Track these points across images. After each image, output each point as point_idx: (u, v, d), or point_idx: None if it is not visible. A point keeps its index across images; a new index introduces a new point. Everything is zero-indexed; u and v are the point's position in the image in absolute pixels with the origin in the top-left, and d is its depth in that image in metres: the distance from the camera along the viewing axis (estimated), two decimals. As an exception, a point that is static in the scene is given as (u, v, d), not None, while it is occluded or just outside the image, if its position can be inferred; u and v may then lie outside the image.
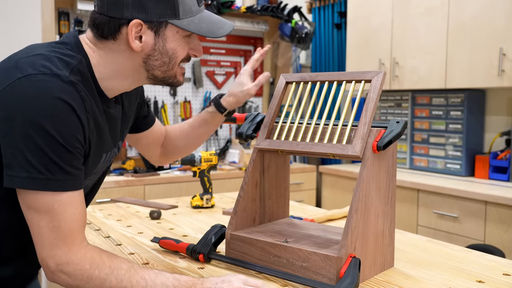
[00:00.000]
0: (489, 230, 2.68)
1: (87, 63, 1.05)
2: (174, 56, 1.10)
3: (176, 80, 1.15)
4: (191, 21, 1.07)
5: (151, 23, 1.04)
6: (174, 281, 1.03)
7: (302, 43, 3.83)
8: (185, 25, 1.06)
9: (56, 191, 0.95)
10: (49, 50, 1.02)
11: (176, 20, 1.05)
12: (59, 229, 0.97)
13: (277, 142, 1.29)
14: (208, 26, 1.10)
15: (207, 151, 2.08)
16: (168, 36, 1.07)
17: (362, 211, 1.15)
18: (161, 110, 3.71)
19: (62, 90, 0.95)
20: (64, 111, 0.94)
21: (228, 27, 1.14)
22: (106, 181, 3.06)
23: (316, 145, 1.22)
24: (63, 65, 0.99)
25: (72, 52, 1.04)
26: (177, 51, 1.10)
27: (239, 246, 1.28)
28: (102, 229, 1.66)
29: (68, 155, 0.96)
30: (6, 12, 3.51)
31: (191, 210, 1.98)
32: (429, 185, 2.97)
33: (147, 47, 1.06)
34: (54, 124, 0.93)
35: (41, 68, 0.96)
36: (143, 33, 1.04)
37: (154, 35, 1.06)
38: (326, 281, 1.12)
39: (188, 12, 1.06)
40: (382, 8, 3.57)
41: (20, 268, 1.13)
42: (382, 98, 3.75)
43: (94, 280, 1.00)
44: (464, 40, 3.04)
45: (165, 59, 1.09)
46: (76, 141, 0.97)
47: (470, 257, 1.37)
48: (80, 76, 1.02)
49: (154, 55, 1.08)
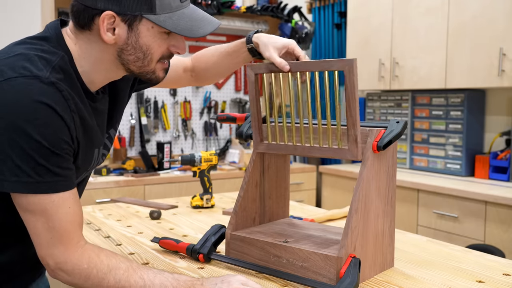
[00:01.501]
0: (489, 230, 2.68)
1: (69, 58, 1.02)
2: (149, 53, 1.04)
3: (155, 76, 1.10)
4: (169, 17, 1.01)
5: (125, 16, 0.99)
6: (173, 281, 1.03)
7: (302, 43, 3.83)
8: (161, 21, 1.00)
9: (47, 193, 0.95)
10: (30, 48, 1.00)
11: (152, 15, 0.99)
12: (54, 229, 0.97)
13: (275, 146, 1.27)
14: (187, 24, 1.03)
15: (207, 151, 2.08)
16: (141, 31, 1.01)
17: (362, 211, 1.15)
18: (161, 110, 3.71)
19: (42, 92, 0.93)
20: (46, 114, 0.93)
21: (210, 26, 1.08)
22: (106, 181, 3.06)
23: (314, 149, 1.21)
24: (44, 64, 0.97)
25: (53, 48, 1.01)
26: (152, 48, 1.04)
27: (239, 246, 1.28)
28: (102, 229, 1.66)
29: (56, 158, 0.95)
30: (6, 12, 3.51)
31: (191, 210, 1.98)
32: (429, 185, 2.97)
33: (120, 40, 1.02)
34: (38, 128, 0.92)
35: (21, 70, 0.94)
36: (116, 25, 1.00)
37: (127, 28, 1.00)
38: (326, 281, 1.12)
39: (166, 7, 1.00)
40: (382, 8, 3.57)
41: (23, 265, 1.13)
42: (382, 98, 3.75)
43: (92, 279, 1.00)
44: (464, 40, 3.04)
45: (139, 55, 1.04)
46: (63, 142, 0.96)
47: (470, 257, 1.37)
48: (63, 73, 0.99)
49: (127, 49, 1.03)
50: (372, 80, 3.66)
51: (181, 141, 3.85)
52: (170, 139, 3.78)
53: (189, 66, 1.46)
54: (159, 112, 3.71)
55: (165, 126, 3.73)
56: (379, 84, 3.62)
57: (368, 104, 3.86)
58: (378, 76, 3.61)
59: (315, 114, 1.21)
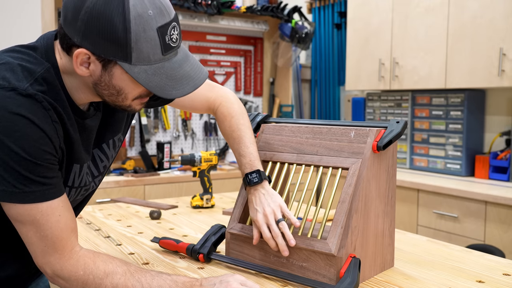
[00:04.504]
0: (489, 230, 2.68)
1: (55, 71, 0.99)
2: (122, 92, 1.00)
3: (131, 110, 1.05)
4: (144, 70, 0.94)
5: (99, 57, 0.94)
6: (171, 283, 1.02)
7: (302, 43, 3.83)
8: (134, 72, 0.94)
9: (34, 203, 0.94)
10: (16, 57, 0.98)
11: (127, 64, 0.94)
12: (47, 238, 0.97)
13: (250, 229, 1.25)
14: (161, 81, 0.96)
15: (207, 151, 2.08)
16: (115, 74, 0.96)
17: (362, 211, 1.15)
18: (161, 110, 3.70)
19: (20, 104, 0.91)
20: (25, 126, 0.91)
21: (187, 88, 1.00)
22: (106, 181, 3.06)
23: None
24: (26, 75, 0.95)
25: (40, 58, 0.99)
26: (125, 90, 0.99)
27: (239, 246, 1.28)
28: (102, 229, 1.66)
29: (39, 168, 0.93)
30: (6, 12, 3.51)
31: (191, 210, 1.98)
32: (429, 185, 2.97)
33: (94, 76, 0.98)
34: (17, 141, 0.90)
35: (1, 81, 0.93)
36: (92, 61, 0.95)
37: (101, 67, 0.96)
38: (326, 281, 1.12)
39: (143, 59, 0.94)
40: (382, 8, 3.57)
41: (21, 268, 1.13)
42: (382, 98, 3.75)
43: (89, 285, 1.00)
44: (464, 40, 3.04)
45: (112, 91, 1.00)
46: (45, 153, 0.94)
47: (470, 257, 1.37)
48: (46, 85, 0.97)
49: (101, 85, 0.99)
50: (372, 80, 3.66)
51: (181, 141, 3.85)
52: (170, 139, 3.78)
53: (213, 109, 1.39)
54: (159, 112, 3.70)
55: (165, 126, 3.73)
56: (379, 84, 3.62)
57: (368, 104, 3.86)
58: (378, 76, 3.61)
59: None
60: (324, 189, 1.27)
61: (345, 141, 1.21)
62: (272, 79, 4.19)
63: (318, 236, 1.15)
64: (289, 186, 1.33)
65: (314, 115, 4.62)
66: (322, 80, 4.48)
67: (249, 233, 1.25)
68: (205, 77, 1.05)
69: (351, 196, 1.14)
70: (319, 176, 1.31)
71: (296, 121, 1.37)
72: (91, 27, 0.91)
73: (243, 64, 4.07)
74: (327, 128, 1.26)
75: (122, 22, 0.90)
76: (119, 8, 0.90)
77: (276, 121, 1.40)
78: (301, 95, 4.56)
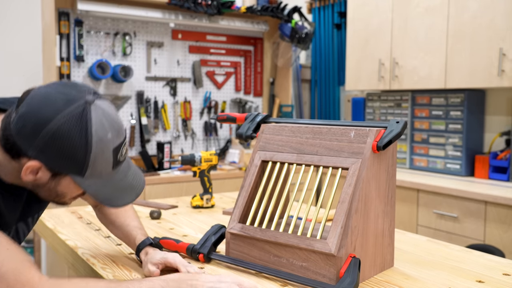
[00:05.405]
0: (489, 230, 2.68)
1: None
2: (62, 196, 1.05)
3: (62, 203, 1.10)
4: (94, 183, 1.00)
5: (52, 169, 0.98)
6: (161, 282, 1.03)
7: (302, 43, 3.83)
8: (85, 184, 0.99)
9: None
10: None
11: (79, 178, 0.98)
12: (7, 274, 0.92)
13: (250, 229, 1.26)
14: (108, 193, 1.03)
15: (207, 151, 2.08)
16: (62, 183, 1.01)
17: (362, 211, 1.15)
18: (161, 110, 3.71)
19: None
20: None
21: (131, 197, 1.08)
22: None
23: (290, 236, 1.19)
24: None
25: None
26: (67, 194, 1.05)
27: (239, 246, 1.28)
28: (102, 229, 1.66)
29: None
30: (6, 12, 3.51)
31: (191, 210, 1.98)
32: (429, 185, 2.97)
33: (40, 181, 1.00)
34: None
35: None
36: (41, 171, 0.98)
37: (50, 176, 0.99)
38: (326, 281, 1.12)
39: (95, 175, 0.99)
40: (382, 9, 3.57)
41: None
42: (382, 98, 3.75)
43: None
44: (464, 40, 3.04)
45: (52, 194, 1.04)
46: None
47: (470, 257, 1.37)
48: None
49: (43, 188, 1.03)
50: (372, 80, 3.66)
51: (181, 141, 3.85)
52: (170, 139, 3.78)
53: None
54: (159, 112, 3.70)
55: (165, 126, 3.73)
56: (379, 84, 3.62)
57: (368, 104, 3.86)
58: (378, 76, 3.61)
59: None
60: (324, 189, 1.26)
61: (345, 141, 1.21)
62: (272, 79, 4.19)
63: (318, 236, 1.15)
64: (289, 186, 1.33)
65: (314, 115, 4.62)
66: (322, 80, 4.48)
67: (249, 233, 1.25)
68: (144, 185, 1.12)
69: (351, 196, 1.14)
70: (319, 176, 1.31)
71: (296, 121, 1.37)
72: (51, 145, 0.94)
73: (243, 64, 4.07)
74: (327, 128, 1.26)
75: (84, 145, 0.95)
76: (82, 132, 0.95)
77: (276, 121, 1.41)
78: (301, 95, 4.56)
